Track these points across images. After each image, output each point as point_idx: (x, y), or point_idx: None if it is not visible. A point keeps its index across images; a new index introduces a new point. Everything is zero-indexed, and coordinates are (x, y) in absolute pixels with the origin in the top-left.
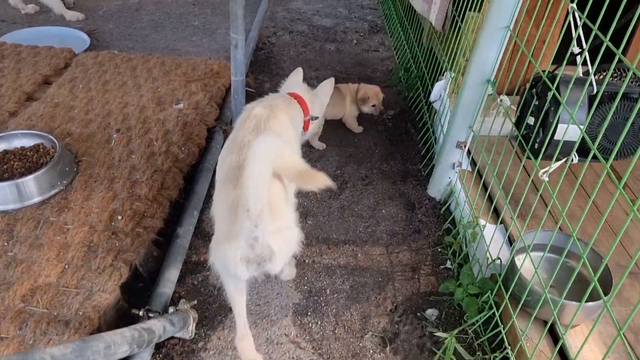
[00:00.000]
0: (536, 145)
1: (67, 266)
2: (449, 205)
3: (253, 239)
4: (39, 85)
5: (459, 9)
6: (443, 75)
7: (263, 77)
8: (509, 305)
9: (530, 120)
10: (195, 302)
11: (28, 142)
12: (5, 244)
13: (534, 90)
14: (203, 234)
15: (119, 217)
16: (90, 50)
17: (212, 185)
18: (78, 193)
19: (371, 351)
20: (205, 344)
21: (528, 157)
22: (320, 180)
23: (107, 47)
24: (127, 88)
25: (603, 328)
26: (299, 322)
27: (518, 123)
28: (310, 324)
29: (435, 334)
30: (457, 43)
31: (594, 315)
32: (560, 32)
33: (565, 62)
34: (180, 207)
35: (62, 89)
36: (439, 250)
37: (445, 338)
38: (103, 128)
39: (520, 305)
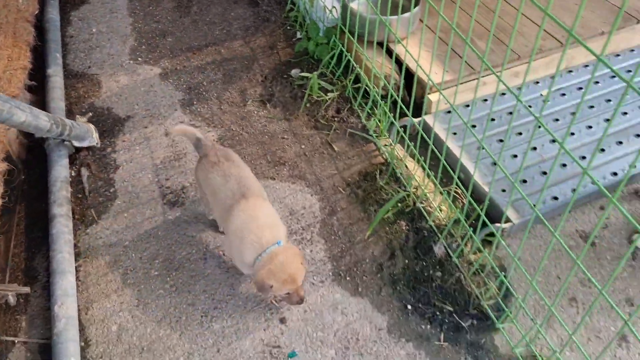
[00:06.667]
0: None
1: None
2: None
3: None
4: None
5: None
6: None
7: None
8: (350, 37)
9: None
10: (91, 114)
11: None
12: None
13: None
14: (73, 74)
15: None
16: None
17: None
18: None
19: (255, 112)
20: (114, 148)
21: None
22: None
23: None
24: None
25: (426, 37)
26: (188, 111)
27: None
28: (199, 109)
29: (301, 76)
30: None
31: (412, 27)
32: None
33: None
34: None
35: None
36: (288, 27)
37: (311, 78)
38: None
39: (357, 32)
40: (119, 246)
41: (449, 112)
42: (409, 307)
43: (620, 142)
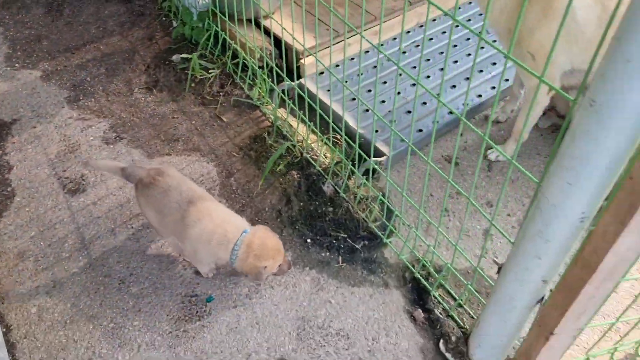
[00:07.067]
0: None
1: None
2: None
3: None
4: None
5: None
6: None
7: None
8: (222, 17)
9: None
10: None
11: None
12: None
13: None
14: None
15: None
16: None
17: None
18: None
19: (143, 98)
20: (4, 150)
21: None
22: None
23: None
24: None
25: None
26: (75, 106)
27: None
28: (86, 104)
29: (183, 57)
30: None
31: (278, 2)
32: None
33: None
34: None
35: None
36: (164, 18)
37: (191, 58)
38: None
39: (227, 11)
40: (25, 238)
41: (322, 72)
42: (309, 240)
43: (467, 78)
